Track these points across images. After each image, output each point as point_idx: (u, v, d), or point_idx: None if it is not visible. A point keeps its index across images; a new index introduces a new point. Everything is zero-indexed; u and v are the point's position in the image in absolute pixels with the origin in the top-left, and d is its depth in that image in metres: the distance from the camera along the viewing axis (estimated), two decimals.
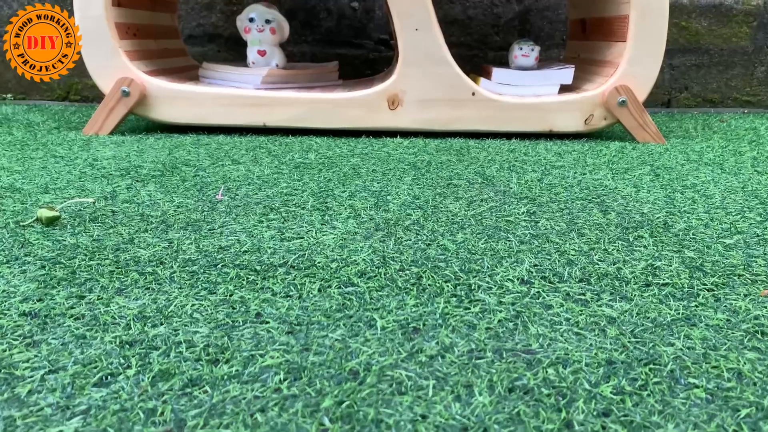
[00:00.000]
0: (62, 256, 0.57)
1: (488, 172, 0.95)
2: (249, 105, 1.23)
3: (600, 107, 1.22)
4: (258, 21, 1.31)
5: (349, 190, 0.83)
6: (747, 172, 0.96)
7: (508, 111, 1.23)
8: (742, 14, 1.67)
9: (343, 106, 1.23)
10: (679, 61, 1.69)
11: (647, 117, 1.22)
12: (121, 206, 0.74)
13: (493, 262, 0.58)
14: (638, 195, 0.83)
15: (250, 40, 1.33)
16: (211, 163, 0.98)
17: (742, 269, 0.57)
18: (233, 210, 0.73)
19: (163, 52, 1.45)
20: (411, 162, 1.01)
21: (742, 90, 1.72)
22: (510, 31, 1.70)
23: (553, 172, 0.96)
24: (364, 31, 1.71)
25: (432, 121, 1.24)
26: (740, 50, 1.69)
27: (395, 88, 1.22)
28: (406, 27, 1.20)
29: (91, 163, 0.96)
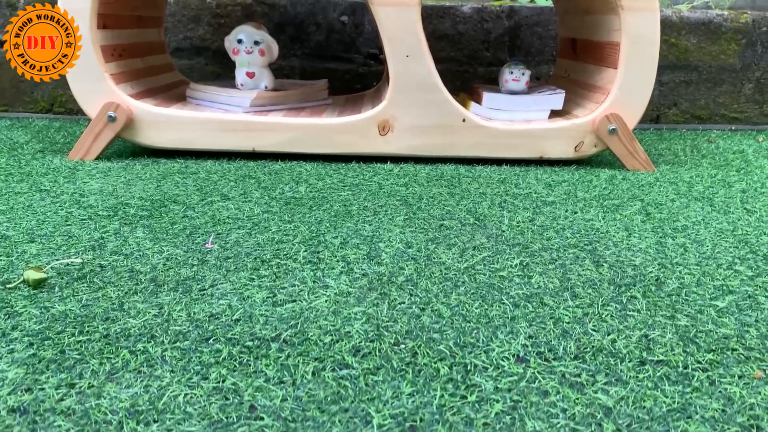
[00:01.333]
0: (51, 330, 0.56)
1: (480, 209, 0.95)
2: (238, 130, 1.22)
3: (590, 134, 1.22)
4: (246, 43, 1.29)
5: (340, 235, 0.82)
6: (736, 211, 0.97)
7: (499, 138, 1.23)
8: (731, 32, 1.67)
9: (334, 132, 1.22)
10: (668, 77, 1.70)
11: (637, 145, 1.22)
12: (109, 259, 0.73)
13: (488, 333, 0.58)
14: (630, 240, 0.83)
15: (239, 62, 1.31)
16: (200, 199, 0.97)
17: (735, 341, 0.57)
18: (223, 263, 0.72)
19: (149, 69, 1.42)
20: (402, 196, 1.01)
21: (729, 107, 1.73)
22: (500, 46, 1.69)
23: (544, 210, 0.96)
24: (354, 46, 1.70)
25: (423, 147, 1.24)
26: (728, 67, 1.70)
27: (386, 114, 1.21)
28: (397, 54, 1.19)
29: (77, 199, 0.95)
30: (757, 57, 1.69)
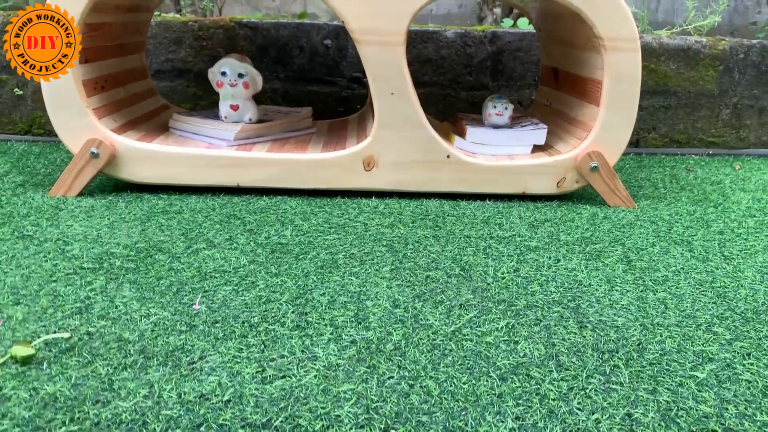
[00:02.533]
0: (41, 417, 0.56)
1: (465, 257, 0.96)
2: (222, 166, 1.22)
3: (572, 171, 1.24)
4: (230, 75, 1.28)
5: (328, 292, 0.83)
6: (714, 258, 0.99)
7: (483, 174, 1.24)
8: (709, 58, 1.70)
9: (318, 167, 1.22)
10: (647, 102, 1.72)
11: (618, 182, 1.24)
12: (97, 325, 0.72)
13: (477, 415, 0.59)
14: (612, 295, 0.85)
15: (223, 95, 1.30)
16: (186, 246, 0.96)
17: (714, 421, 0.59)
18: (211, 329, 0.72)
19: (131, 98, 1.41)
20: (388, 241, 1.01)
21: (707, 131, 1.76)
22: (482, 71, 1.70)
23: (528, 257, 0.97)
24: (337, 69, 1.70)
25: (407, 182, 1.24)
26: (706, 93, 1.73)
27: (371, 150, 1.22)
28: (382, 91, 1.19)
29: (61, 248, 0.94)
30: (734, 83, 1.72)
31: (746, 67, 1.71)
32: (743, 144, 1.77)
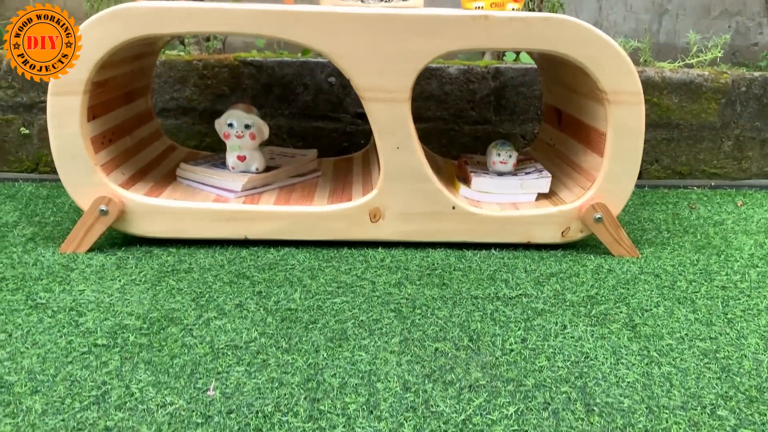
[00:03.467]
0: None
1: (473, 324, 0.97)
2: (230, 219, 1.23)
3: (576, 221, 1.25)
4: (237, 127, 1.30)
5: (338, 372, 0.84)
6: (718, 321, 1.00)
7: (488, 224, 1.25)
8: (711, 91, 1.70)
9: (325, 219, 1.24)
10: (650, 135, 1.73)
11: (622, 233, 1.25)
12: (115, 418, 0.74)
13: None
14: (618, 370, 0.86)
15: (230, 146, 1.32)
16: (197, 316, 0.98)
17: None
18: (226, 422, 0.74)
19: (138, 144, 1.43)
20: (396, 304, 1.03)
21: (709, 163, 1.77)
22: (485, 106, 1.71)
23: (534, 322, 0.98)
24: (341, 106, 1.71)
25: (413, 233, 1.26)
26: (709, 125, 1.73)
27: (377, 202, 1.23)
28: (387, 145, 1.20)
29: (75, 319, 0.96)
30: (736, 116, 1.73)
31: (748, 100, 1.71)
32: (745, 175, 1.78)
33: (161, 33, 1.15)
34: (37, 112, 1.67)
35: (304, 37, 1.14)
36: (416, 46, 1.15)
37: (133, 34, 1.13)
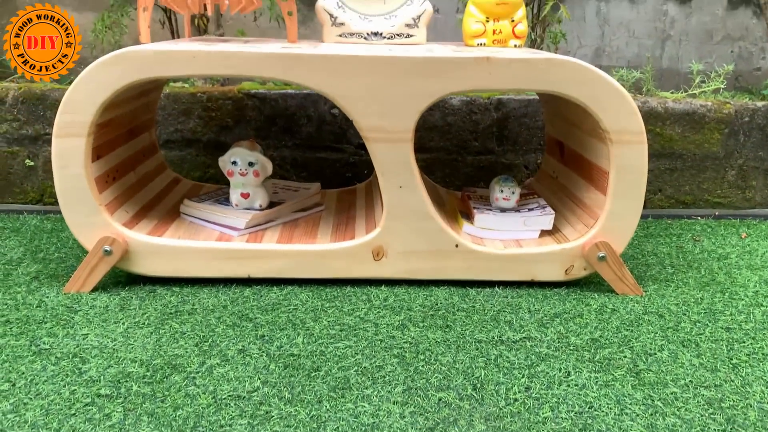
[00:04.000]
0: None
1: (476, 370, 0.97)
2: (233, 258, 1.23)
3: (580, 259, 1.25)
4: (241, 165, 1.30)
5: (341, 427, 0.84)
6: (723, 367, 1.00)
7: (491, 261, 1.25)
8: (714, 122, 1.70)
9: (328, 258, 1.24)
10: (653, 165, 1.73)
11: (626, 271, 1.24)
12: None
13: None
14: (622, 421, 0.86)
15: (233, 183, 1.32)
16: (200, 362, 0.98)
17: None
18: None
19: (142, 180, 1.43)
20: (399, 349, 1.03)
21: (713, 192, 1.77)
22: (488, 136, 1.72)
23: (538, 368, 0.98)
24: (345, 137, 1.71)
25: (416, 271, 1.26)
26: (712, 155, 1.73)
27: (380, 241, 1.23)
28: (391, 185, 1.21)
29: (78, 367, 0.96)
30: (739, 145, 1.73)
31: (751, 130, 1.71)
32: (749, 204, 1.78)
33: (165, 76, 1.16)
34: (42, 144, 1.68)
35: (306, 80, 1.15)
36: (419, 88, 1.16)
37: (138, 77, 1.14)
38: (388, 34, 1.39)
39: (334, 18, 1.38)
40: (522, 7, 1.38)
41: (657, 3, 2.22)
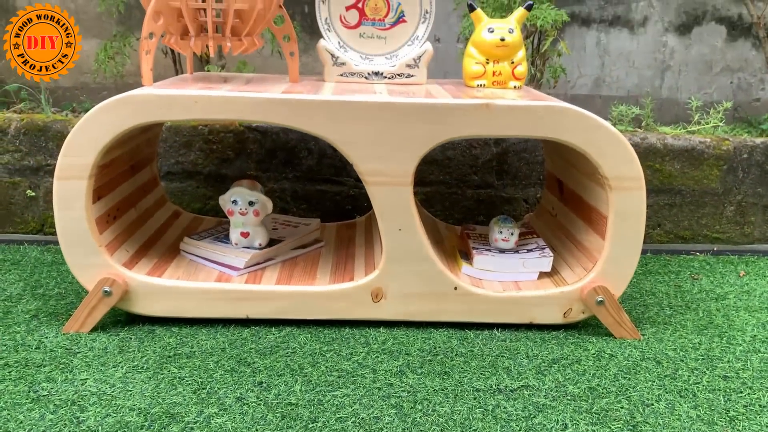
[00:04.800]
0: None
1: (474, 423, 0.97)
2: (232, 299, 1.23)
3: (578, 302, 1.25)
4: (241, 204, 1.31)
5: None
6: (720, 420, 1.00)
7: (490, 304, 1.25)
8: (713, 158, 1.71)
9: (327, 299, 1.24)
10: (653, 200, 1.74)
11: (623, 315, 1.25)
12: None
13: None
14: None
15: (233, 222, 1.33)
16: (198, 411, 0.98)
17: None
18: None
19: (143, 215, 1.44)
20: (396, 398, 1.03)
21: (712, 227, 1.77)
22: (488, 170, 1.72)
23: (536, 420, 0.98)
24: (345, 170, 1.72)
25: (414, 313, 1.26)
26: (711, 191, 1.74)
27: (379, 283, 1.24)
28: (390, 228, 1.21)
29: (77, 415, 0.96)
30: (738, 182, 1.73)
31: (750, 167, 1.72)
32: (748, 240, 1.78)
33: (167, 120, 1.17)
34: (44, 175, 1.69)
35: (307, 125, 1.16)
36: (419, 134, 1.17)
37: (139, 121, 1.15)
38: (389, 74, 1.40)
39: (335, 58, 1.39)
40: (522, 48, 1.39)
41: (657, 34, 2.24)
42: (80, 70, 2.25)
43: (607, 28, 2.23)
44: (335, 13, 1.39)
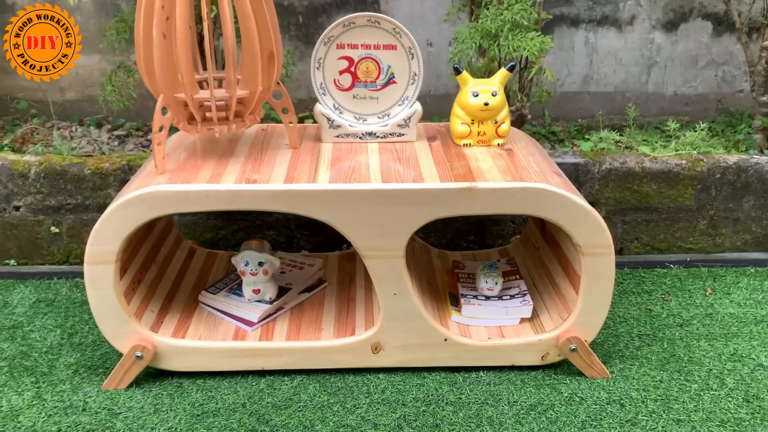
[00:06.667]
0: None
1: None
2: (248, 355, 1.40)
3: (554, 348, 1.42)
4: (252, 266, 1.45)
5: None
6: None
7: (477, 352, 1.42)
8: (688, 179, 1.83)
9: (332, 353, 1.41)
10: (631, 217, 1.87)
11: (594, 359, 1.41)
12: None
13: None
14: None
15: (245, 281, 1.48)
16: None
17: None
18: None
19: (162, 265, 1.59)
20: None
21: (686, 240, 1.91)
22: None
23: None
24: None
25: (410, 361, 1.43)
26: (685, 208, 1.87)
27: (377, 338, 1.40)
28: (386, 292, 1.36)
29: None
30: (711, 199, 1.86)
31: (722, 185, 1.84)
32: (719, 249, 1.93)
33: (183, 211, 1.29)
34: (65, 213, 1.82)
35: (309, 211, 1.29)
36: (409, 215, 1.30)
37: (157, 213, 1.28)
38: (382, 134, 1.51)
39: (331, 121, 1.49)
40: (505, 107, 1.49)
41: (644, 32, 2.29)
42: (85, 83, 2.34)
43: (595, 27, 2.28)
44: (329, 78, 1.48)
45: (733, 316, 1.64)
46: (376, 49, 1.46)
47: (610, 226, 1.83)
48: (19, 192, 1.80)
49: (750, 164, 1.83)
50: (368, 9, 2.23)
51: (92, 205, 1.82)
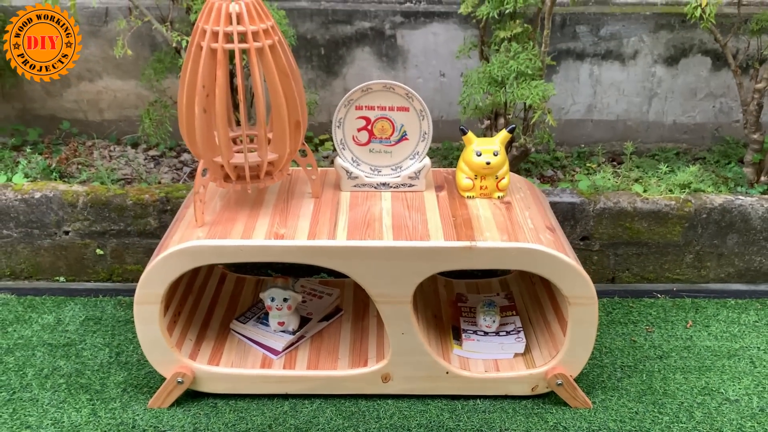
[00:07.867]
0: None
1: None
2: (275, 381, 1.61)
3: (543, 381, 1.61)
4: (277, 301, 1.65)
5: None
6: None
7: (475, 383, 1.62)
8: (676, 218, 1.99)
9: (348, 381, 1.61)
10: (622, 250, 2.04)
11: (578, 392, 1.60)
12: None
13: None
14: None
15: (272, 315, 1.68)
16: None
17: None
18: None
19: (198, 294, 1.79)
20: None
21: (673, 271, 2.08)
22: None
23: None
24: None
25: (415, 389, 1.63)
26: (673, 243, 2.03)
27: (387, 369, 1.60)
28: (395, 332, 1.56)
29: None
30: (697, 236, 2.02)
31: (708, 224, 2.00)
32: (704, 279, 2.10)
33: (219, 263, 1.49)
34: (109, 237, 2.03)
35: (328, 264, 1.48)
36: (417, 268, 1.48)
37: (198, 264, 1.47)
38: (394, 184, 1.69)
39: (349, 173, 1.67)
40: (505, 164, 1.66)
41: (646, 66, 2.42)
42: (122, 106, 2.52)
43: (599, 61, 2.42)
44: (348, 134, 1.65)
45: (709, 349, 1.82)
46: (390, 111, 1.63)
47: (603, 258, 2.02)
48: (69, 219, 2.00)
49: (734, 206, 1.98)
50: (385, 43, 2.39)
51: (133, 231, 2.02)
